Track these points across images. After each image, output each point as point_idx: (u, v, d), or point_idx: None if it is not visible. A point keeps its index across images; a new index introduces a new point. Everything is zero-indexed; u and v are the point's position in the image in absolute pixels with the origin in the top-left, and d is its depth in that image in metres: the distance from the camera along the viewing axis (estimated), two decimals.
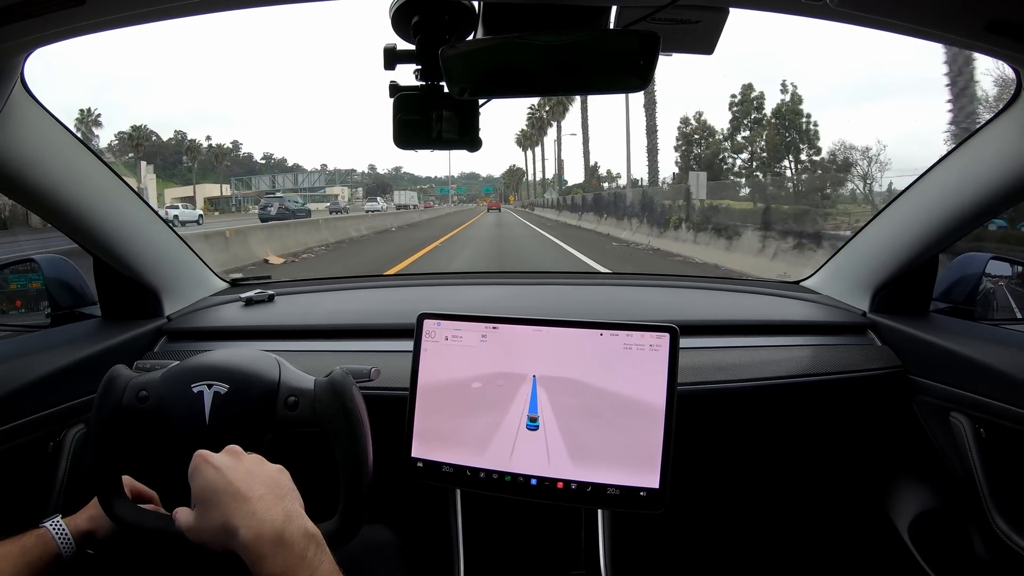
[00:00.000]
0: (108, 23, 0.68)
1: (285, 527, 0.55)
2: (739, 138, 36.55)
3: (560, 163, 54.24)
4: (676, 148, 41.60)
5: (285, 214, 21.35)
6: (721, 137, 38.51)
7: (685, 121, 41.18)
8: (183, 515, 0.62)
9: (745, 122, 36.29)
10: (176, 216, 24.50)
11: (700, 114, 44.56)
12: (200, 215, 27.76)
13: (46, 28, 0.66)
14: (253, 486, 0.58)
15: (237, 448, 0.63)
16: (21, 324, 1.21)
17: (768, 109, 35.35)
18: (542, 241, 14.91)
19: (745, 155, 36.40)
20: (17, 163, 0.85)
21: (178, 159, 60.34)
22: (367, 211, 35.03)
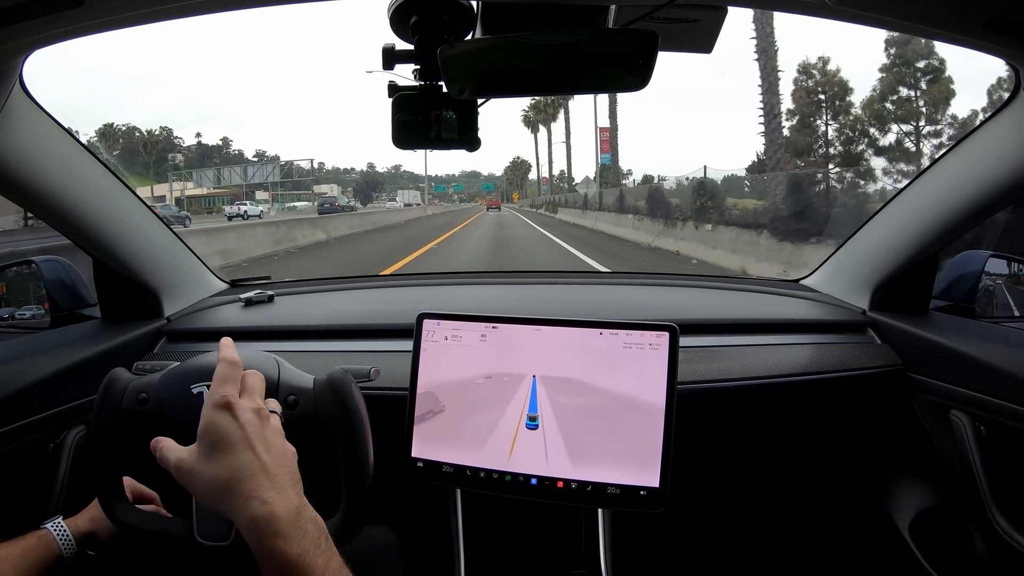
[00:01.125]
0: (107, 24, 0.67)
1: (301, 510, 0.53)
2: (887, 103, 19.91)
3: (612, 133, 30.23)
4: (789, 115, 19.95)
5: (336, 209, 28.83)
6: (873, 98, 20.07)
7: (806, 70, 21.28)
8: (174, 446, 0.57)
9: (905, 74, 19.69)
10: (245, 211, 28.99)
11: (826, 62, 21.53)
12: (261, 211, 31.79)
13: (45, 29, 0.66)
14: (273, 458, 0.55)
15: (263, 407, 0.59)
16: (21, 325, 1.21)
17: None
18: None
19: (900, 128, 19.73)
20: (16, 164, 0.85)
21: (163, 156, 58.73)
22: (387, 207, 43.70)
